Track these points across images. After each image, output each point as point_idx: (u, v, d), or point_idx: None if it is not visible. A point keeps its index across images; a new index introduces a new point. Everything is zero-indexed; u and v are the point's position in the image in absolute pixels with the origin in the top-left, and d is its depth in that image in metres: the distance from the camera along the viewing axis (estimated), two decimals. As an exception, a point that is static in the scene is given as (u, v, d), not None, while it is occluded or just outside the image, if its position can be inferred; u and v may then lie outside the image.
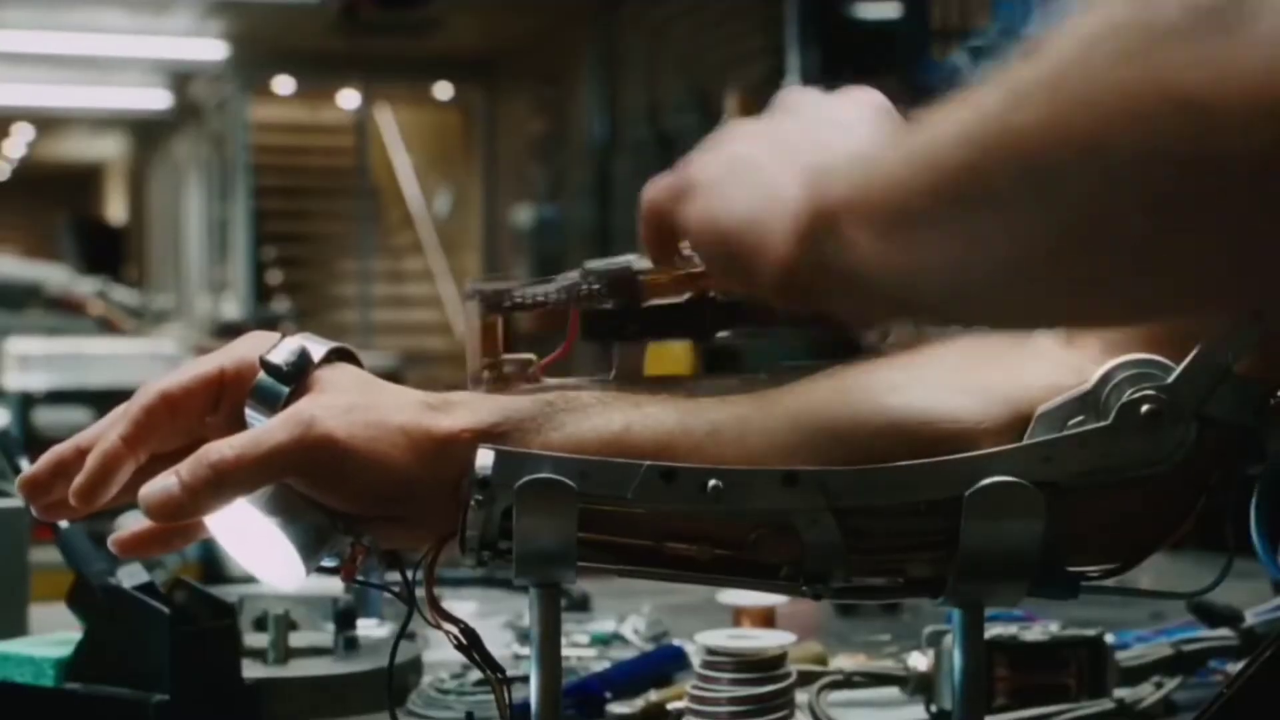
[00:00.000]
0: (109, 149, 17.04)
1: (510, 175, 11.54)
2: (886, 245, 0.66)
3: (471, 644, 0.87)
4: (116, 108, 13.91)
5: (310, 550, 0.80)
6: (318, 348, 0.83)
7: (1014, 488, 0.80)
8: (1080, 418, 0.81)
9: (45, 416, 3.91)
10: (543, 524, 0.81)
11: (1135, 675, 1.23)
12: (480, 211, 12.19)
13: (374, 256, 12.70)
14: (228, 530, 0.82)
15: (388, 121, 13.55)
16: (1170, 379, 0.81)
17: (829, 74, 6.18)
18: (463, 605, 1.65)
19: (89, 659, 1.20)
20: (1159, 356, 0.82)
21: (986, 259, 0.63)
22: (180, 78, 12.54)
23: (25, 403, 3.81)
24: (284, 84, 12.10)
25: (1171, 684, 1.23)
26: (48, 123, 15.15)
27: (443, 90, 12.37)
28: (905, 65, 3.32)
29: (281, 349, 0.82)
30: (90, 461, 0.81)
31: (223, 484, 0.77)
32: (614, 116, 9.61)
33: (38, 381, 3.82)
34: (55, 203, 17.44)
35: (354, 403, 0.80)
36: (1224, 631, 1.28)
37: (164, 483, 0.77)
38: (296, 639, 1.32)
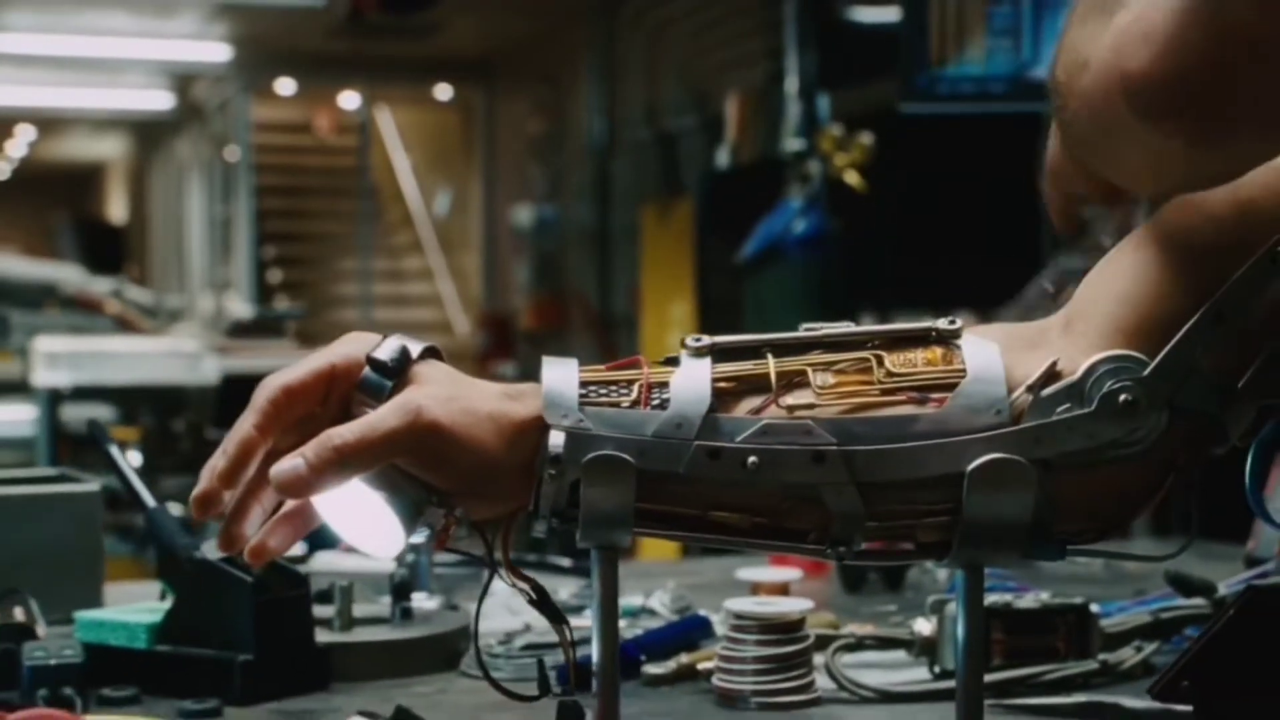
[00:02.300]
0: (109, 149, 17.11)
1: (510, 175, 11.61)
2: None
3: (541, 598, 1.00)
4: (118, 108, 13.99)
5: (410, 521, 0.94)
6: (415, 346, 0.96)
7: (1010, 464, 0.94)
8: (1067, 405, 0.95)
9: (70, 412, 4.05)
10: (605, 494, 0.94)
11: (1117, 640, 1.36)
12: (480, 211, 12.28)
13: (373, 256, 12.80)
14: (333, 507, 0.96)
15: (387, 122, 13.65)
16: (1145, 373, 0.95)
17: (828, 77, 6.29)
18: (498, 583, 1.78)
19: (177, 624, 1.33)
20: (1137, 353, 0.95)
21: None
22: (182, 79, 12.62)
23: (53, 398, 3.94)
24: (285, 85, 12.20)
25: (1150, 648, 1.36)
26: (50, 123, 15.24)
27: (443, 91, 12.46)
28: (904, 70, 3.41)
29: (385, 347, 0.95)
30: (229, 447, 0.94)
31: (344, 463, 0.90)
32: (613, 117, 9.69)
33: (64, 378, 3.95)
34: (55, 202, 17.53)
35: (451, 393, 0.93)
36: (1198, 601, 1.41)
37: (292, 463, 0.91)
38: (356, 610, 1.45)
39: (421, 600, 1.53)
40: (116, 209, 18.02)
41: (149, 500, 1.41)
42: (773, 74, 7.20)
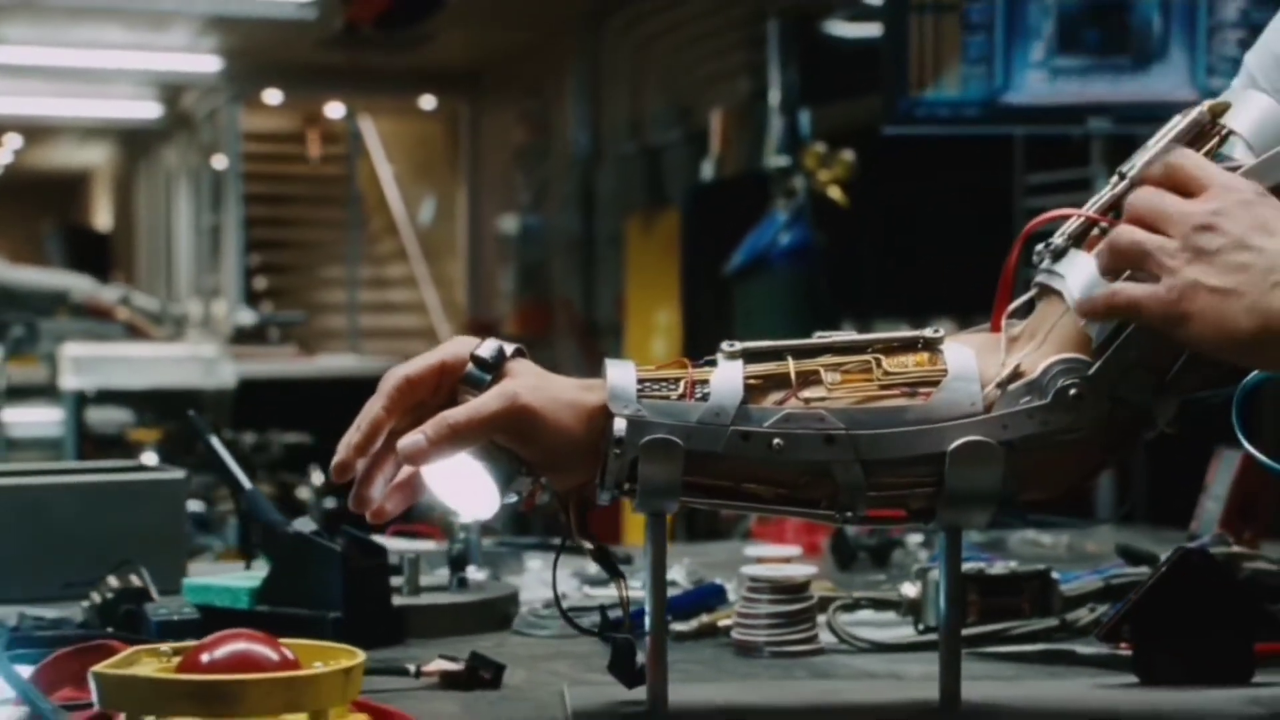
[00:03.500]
0: (95, 156, 17.27)
1: (494, 185, 11.80)
2: None
3: (601, 554, 1.24)
4: (107, 117, 14.16)
5: (504, 488, 1.17)
6: (509, 346, 1.20)
7: (983, 445, 1.17)
8: (1028, 398, 1.18)
9: (94, 414, 4.27)
10: (658, 470, 1.17)
11: (1074, 602, 1.60)
12: (465, 219, 12.48)
13: (358, 263, 12.98)
14: (438, 475, 1.19)
15: (371, 131, 13.81)
16: (1090, 372, 1.18)
17: (810, 93, 6.52)
18: (532, 563, 2.02)
19: (274, 587, 1.56)
20: (1082, 355, 1.19)
21: None
22: (171, 89, 12.80)
23: (79, 401, 4.16)
24: (272, 95, 12.38)
25: (1102, 608, 1.60)
26: (38, 132, 15.39)
27: (428, 101, 12.66)
28: (886, 95, 3.65)
29: (485, 347, 1.19)
30: (363, 424, 1.17)
31: (456, 438, 1.14)
32: (598, 130, 9.89)
33: (89, 382, 4.18)
34: (41, 209, 17.67)
35: (539, 384, 1.17)
36: (1143, 569, 1.65)
37: (414, 437, 1.14)
38: (421, 579, 1.68)
39: (473, 572, 1.76)
40: (102, 216, 18.16)
41: (246, 483, 1.64)
42: (756, 89, 7.42)
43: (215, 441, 1.69)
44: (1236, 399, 1.21)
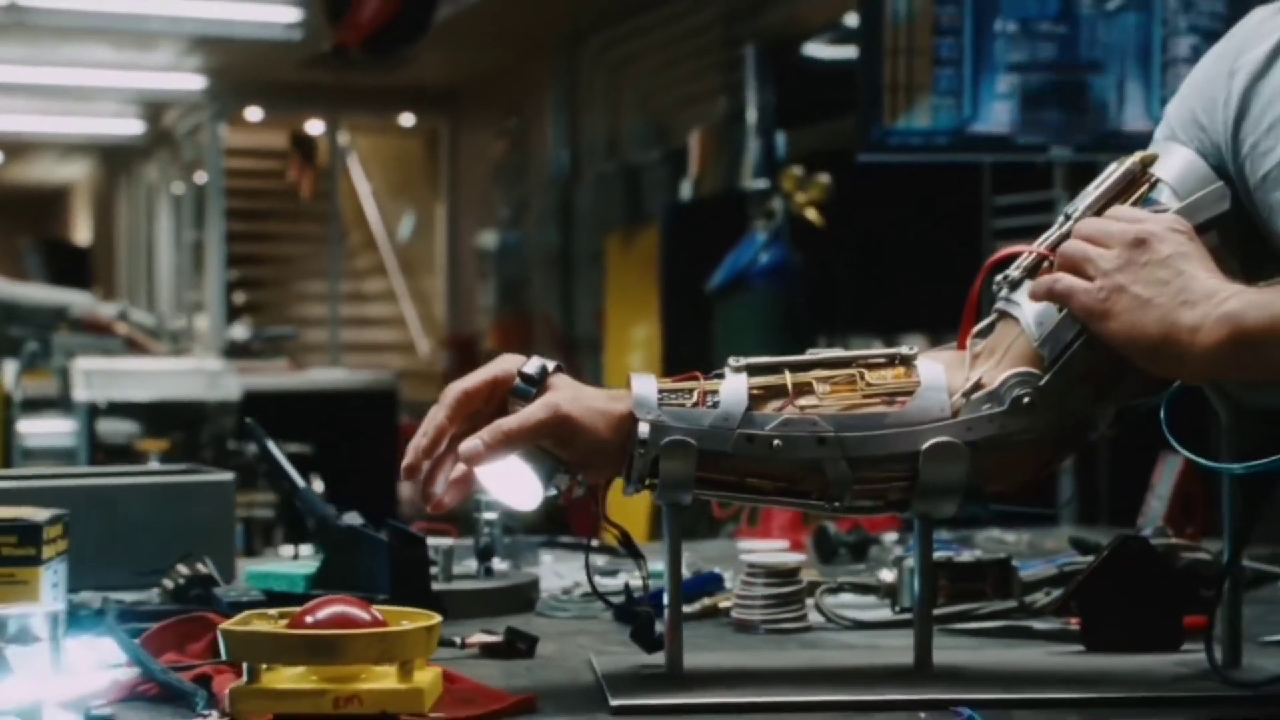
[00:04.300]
0: (75, 172, 17.40)
1: (473, 201, 11.96)
2: None
3: (625, 540, 1.45)
4: (89, 134, 14.30)
5: (546, 483, 1.38)
6: (550, 364, 1.41)
7: (950, 445, 1.39)
8: (989, 405, 1.40)
9: (103, 425, 4.46)
10: (675, 467, 1.38)
11: (1031, 587, 1.81)
12: (444, 235, 12.65)
13: (339, 279, 13.13)
14: (491, 473, 1.39)
15: (350, 147, 13.95)
16: (1041, 383, 1.40)
17: (786, 115, 6.74)
18: (546, 557, 2.24)
19: (327, 573, 1.77)
20: (1034, 369, 1.40)
21: None
22: (154, 106, 12.96)
23: (91, 412, 4.36)
24: (253, 112, 12.54)
25: (1056, 593, 1.81)
26: (19, 148, 15.52)
27: (408, 119, 12.84)
28: (861, 125, 3.87)
29: (531, 365, 1.40)
30: (429, 430, 1.38)
31: (508, 441, 1.35)
32: (576, 148, 10.08)
33: (100, 394, 4.37)
34: (21, 224, 17.80)
35: (576, 395, 1.38)
36: (1092, 559, 1.87)
37: (473, 441, 1.35)
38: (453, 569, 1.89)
39: (497, 563, 1.97)
40: (82, 231, 18.29)
41: (300, 482, 1.85)
42: (733, 111, 7.63)
43: (271, 446, 1.90)
44: (1164, 406, 1.42)
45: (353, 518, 1.80)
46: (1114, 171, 1.46)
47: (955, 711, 1.29)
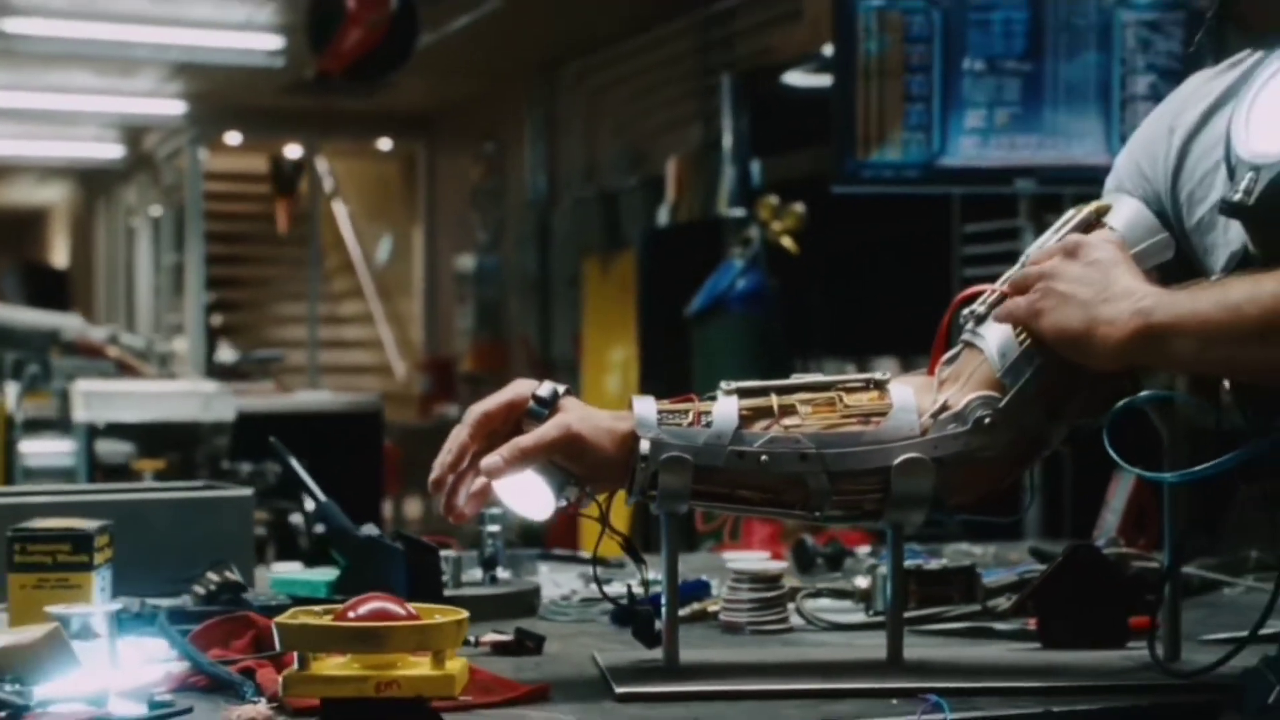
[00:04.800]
0: (53, 195, 17.49)
1: (451, 224, 12.06)
2: (1198, 352, 1.40)
3: (628, 546, 1.61)
4: (69, 157, 14.41)
5: (557, 494, 1.54)
6: (560, 387, 1.57)
7: (919, 461, 1.55)
8: (954, 425, 1.56)
9: (101, 446, 4.60)
10: (673, 480, 1.54)
11: (994, 593, 1.97)
12: (421, 258, 12.76)
13: (317, 301, 13.21)
14: (507, 486, 1.55)
15: (327, 171, 14.05)
16: (1000, 405, 1.56)
17: (760, 144, 6.91)
18: (543, 566, 2.39)
19: (347, 580, 1.92)
20: (995, 393, 1.56)
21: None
22: (133, 131, 13.08)
23: (90, 433, 4.50)
24: (232, 137, 12.66)
25: (1016, 597, 1.98)
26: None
27: (385, 143, 12.96)
28: (836, 158, 4.05)
29: (543, 388, 1.56)
30: (452, 447, 1.53)
31: (525, 458, 1.51)
32: (553, 173, 10.22)
33: (99, 415, 4.52)
34: (-1, 246, 17.90)
35: (584, 416, 1.54)
36: (1048, 566, 2.03)
37: (494, 458, 1.50)
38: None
39: (500, 571, 2.13)
40: (59, 254, 18.37)
41: (321, 496, 2.00)
42: (708, 139, 7.80)
43: (294, 463, 2.05)
44: (1107, 426, 1.59)
45: (369, 529, 1.96)
46: (1071, 218, 1.63)
47: (924, 698, 1.44)
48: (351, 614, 1.36)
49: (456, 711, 1.38)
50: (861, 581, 1.96)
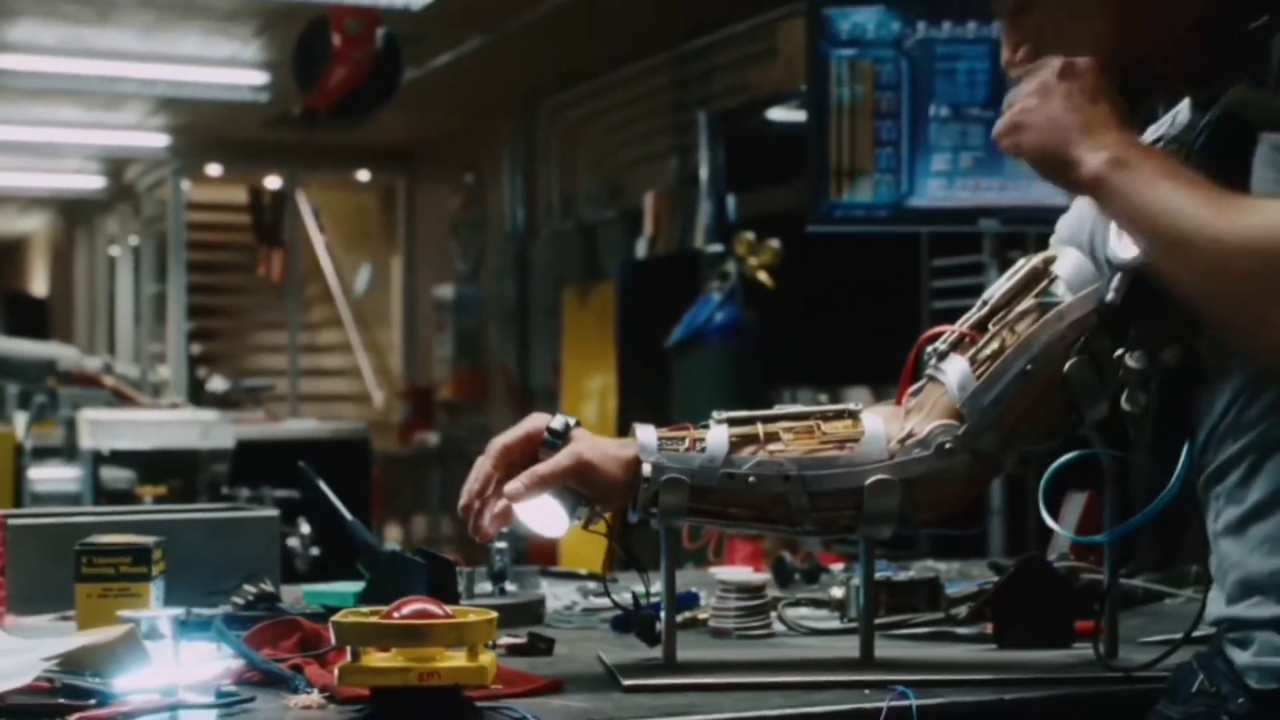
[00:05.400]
0: (33, 224, 17.61)
1: (430, 255, 12.21)
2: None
3: (630, 557, 1.82)
4: (51, 188, 14.55)
5: (571, 514, 1.75)
6: (571, 420, 1.78)
7: (888, 482, 1.76)
8: (918, 450, 1.78)
9: (106, 472, 4.80)
10: (672, 499, 1.75)
11: (957, 602, 2.18)
12: (400, 288, 12.92)
13: (298, 330, 13.34)
14: (526, 509, 1.76)
15: (305, 201, 14.17)
16: (959, 433, 1.77)
17: (736, 179, 7.12)
18: (543, 581, 2.60)
19: (372, 592, 2.12)
20: (954, 422, 1.78)
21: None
22: (116, 162, 13.23)
23: (96, 460, 4.70)
24: (213, 168, 12.82)
25: (974, 605, 2.19)
26: (-21, 202, 15.76)
27: (364, 174, 13.12)
28: (810, 199, 4.27)
29: (557, 421, 1.77)
30: (479, 475, 1.75)
31: (543, 483, 1.72)
32: (532, 206, 10.40)
33: (105, 443, 4.71)
34: (-23, 275, 18.00)
35: (593, 445, 1.75)
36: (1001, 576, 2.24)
37: (515, 485, 1.72)
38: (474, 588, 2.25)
39: (509, 585, 2.33)
40: (39, 283, 18.49)
41: (347, 515, 2.21)
42: (685, 173, 8.02)
43: (322, 485, 2.25)
44: (1043, 484, 1.77)
45: (392, 545, 2.16)
46: (1022, 267, 1.84)
47: (892, 689, 1.65)
48: (396, 614, 1.56)
49: (487, 700, 1.59)
50: (837, 591, 2.17)
